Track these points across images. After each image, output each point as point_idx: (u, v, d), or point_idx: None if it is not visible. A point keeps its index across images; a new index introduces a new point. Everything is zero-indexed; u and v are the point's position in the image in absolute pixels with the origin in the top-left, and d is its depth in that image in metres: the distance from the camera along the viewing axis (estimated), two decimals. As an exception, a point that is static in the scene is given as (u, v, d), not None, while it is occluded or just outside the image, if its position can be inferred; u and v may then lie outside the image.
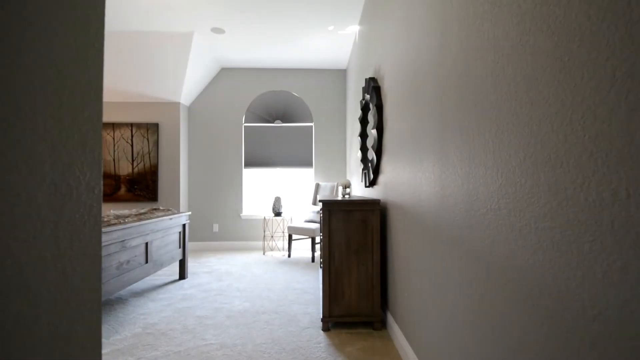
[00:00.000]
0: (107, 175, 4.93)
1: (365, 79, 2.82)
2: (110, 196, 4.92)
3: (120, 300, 2.85)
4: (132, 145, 4.95)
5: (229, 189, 5.21)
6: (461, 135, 1.12)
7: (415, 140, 1.63)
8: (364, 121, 3.17)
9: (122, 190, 4.93)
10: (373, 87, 2.51)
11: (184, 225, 3.53)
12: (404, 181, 1.84)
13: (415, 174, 1.65)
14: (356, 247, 2.22)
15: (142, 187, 4.92)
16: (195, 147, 5.25)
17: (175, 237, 3.36)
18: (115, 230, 2.31)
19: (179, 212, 4.19)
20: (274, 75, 5.25)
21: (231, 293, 3.03)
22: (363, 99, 3.06)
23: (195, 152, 5.24)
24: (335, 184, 4.62)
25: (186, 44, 4.20)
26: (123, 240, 2.45)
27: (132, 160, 4.95)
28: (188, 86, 4.82)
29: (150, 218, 2.92)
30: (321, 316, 2.23)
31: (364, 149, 3.15)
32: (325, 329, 2.22)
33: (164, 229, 3.07)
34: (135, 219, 2.77)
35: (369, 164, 2.80)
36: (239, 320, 2.42)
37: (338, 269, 2.22)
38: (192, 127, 5.26)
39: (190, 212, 3.63)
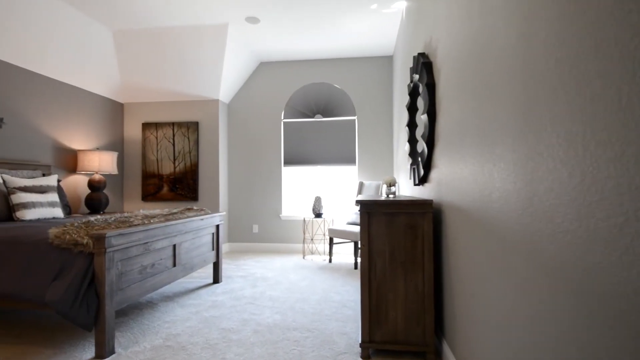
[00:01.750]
0: (151, 175, 4.98)
1: (414, 56, 2.38)
2: (154, 195, 4.96)
3: (150, 305, 2.71)
4: (173, 145, 4.96)
5: (269, 189, 5.00)
6: (568, 95, 0.68)
7: (484, 120, 1.19)
8: (412, 108, 2.72)
9: (165, 189, 4.95)
10: (423, 64, 2.07)
11: (217, 227, 3.35)
12: (466, 176, 1.39)
13: (482, 167, 1.21)
14: (403, 258, 1.81)
15: (184, 186, 4.90)
16: (235, 145, 5.12)
17: (207, 238, 3.18)
18: (136, 231, 2.14)
19: (212, 213, 4.03)
20: (314, 67, 4.95)
21: (263, 302, 2.75)
22: (411, 81, 2.61)
23: (234, 150, 5.12)
24: (381, 182, 4.19)
25: (221, 36, 4.05)
26: (146, 243, 2.27)
27: (174, 160, 4.95)
28: (226, 83, 4.69)
29: (179, 218, 2.75)
30: (360, 340, 1.85)
31: (412, 140, 2.70)
32: (365, 356, 1.83)
33: (194, 230, 2.89)
34: (162, 219, 2.60)
35: (419, 158, 2.36)
36: (266, 336, 2.12)
37: (380, 284, 1.82)
38: (232, 125, 5.14)
39: (224, 213, 3.44)
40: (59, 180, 3.64)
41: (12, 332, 2.19)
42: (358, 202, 1.86)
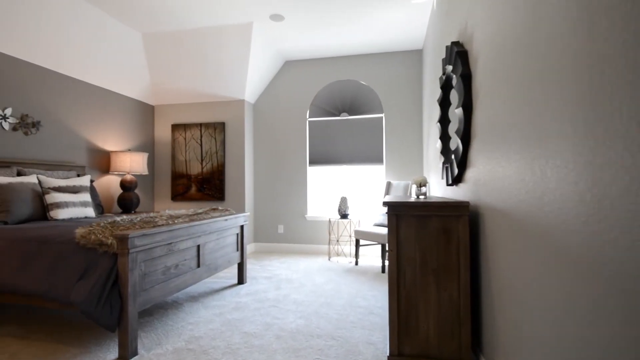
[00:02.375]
0: (180, 175, 5.06)
1: (446, 46, 2.21)
2: (183, 195, 5.04)
3: (175, 304, 2.71)
4: (201, 145, 5.01)
5: (294, 189, 4.94)
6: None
7: (534, 110, 1.03)
8: (444, 103, 2.54)
9: (193, 189, 5.01)
10: (457, 53, 1.91)
11: (242, 227, 3.31)
12: (509, 174, 1.23)
13: (530, 164, 1.05)
14: (435, 265, 1.66)
15: (211, 186, 4.94)
16: (260, 145, 5.11)
17: (232, 239, 3.16)
18: (159, 232, 2.12)
19: (238, 213, 4.01)
20: (339, 64, 4.83)
21: (286, 305, 2.67)
22: (443, 73, 2.44)
23: (260, 150, 5.11)
24: (410, 182, 4.01)
25: (246, 36, 4.03)
26: (170, 243, 2.26)
27: (202, 160, 5.00)
28: (252, 82, 4.67)
29: (203, 219, 2.73)
30: (388, 352, 1.72)
31: (444, 137, 2.52)
32: (394, 370, 1.69)
33: (218, 230, 2.86)
34: (186, 219, 2.59)
35: (452, 156, 2.18)
36: (288, 343, 2.04)
37: (410, 292, 1.68)
38: (257, 125, 5.13)
39: (248, 213, 3.41)
40: (91, 181, 3.75)
41: (43, 329, 2.24)
42: (385, 203, 1.73)
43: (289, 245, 4.92)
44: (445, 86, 2.48)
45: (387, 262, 4.24)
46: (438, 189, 3.11)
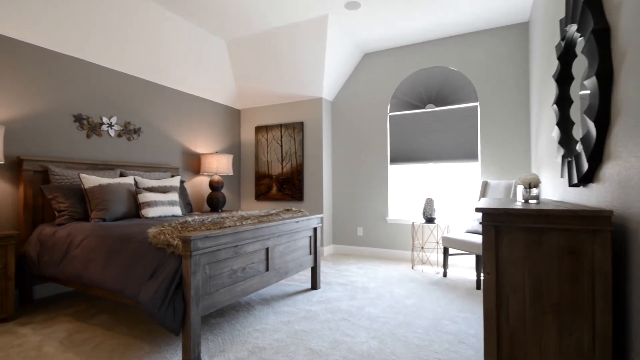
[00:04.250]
0: (263, 175, 5.18)
1: (567, 1, 1.64)
2: (265, 195, 5.14)
3: (247, 307, 2.66)
4: (281, 146, 5.04)
5: (374, 189, 4.61)
6: None
7: None
8: (563, 78, 1.94)
9: (274, 189, 5.07)
10: (585, 2, 1.37)
11: (315, 230, 3.14)
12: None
13: None
14: (555, 298, 1.18)
15: (290, 186, 4.93)
16: (339, 143, 4.91)
17: (304, 242, 3.00)
18: (224, 234, 2.05)
19: (315, 213, 3.85)
20: (423, 51, 4.32)
21: (359, 320, 2.38)
22: (562, 39, 1.85)
23: (338, 149, 4.91)
24: (513, 182, 3.32)
25: (321, 30, 3.85)
26: (236, 246, 2.18)
27: (282, 160, 5.03)
28: (329, 79, 4.50)
29: (273, 220, 2.61)
30: (483, 407, 1.30)
31: (564, 122, 1.92)
32: None
33: (288, 233, 2.73)
34: (255, 221, 2.51)
35: (577, 146, 1.61)
36: (357, 370, 1.75)
37: (515, 332, 1.24)
38: (336, 123, 4.94)
39: (322, 215, 3.22)
40: (182, 181, 4.03)
41: (127, 322, 2.39)
42: (480, 210, 1.31)
43: (368, 249, 4.61)
44: (565, 55, 1.88)
45: (483, 277, 3.60)
46: (554, 191, 2.45)
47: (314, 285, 3.14)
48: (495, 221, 1.27)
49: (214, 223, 2.20)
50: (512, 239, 1.25)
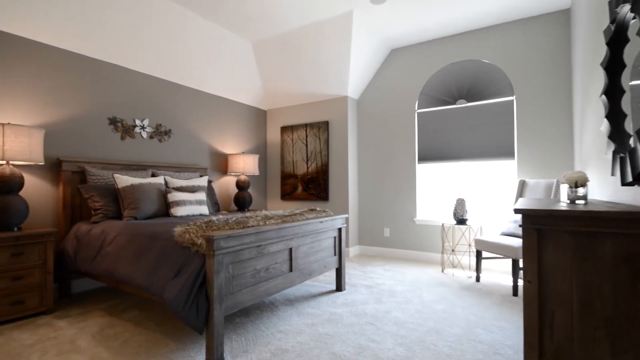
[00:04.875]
0: (288, 175, 5.18)
1: (621, -22, 1.47)
2: (291, 195, 5.13)
3: (271, 307, 2.64)
4: (306, 145, 5.01)
5: (401, 189, 4.47)
6: None
7: None
8: (612, 65, 1.75)
9: (299, 189, 5.06)
10: (645, -22, 1.21)
11: (339, 230, 3.07)
12: None
13: None
14: (609, 312, 1.05)
15: (315, 186, 4.89)
16: (365, 142, 4.80)
17: (328, 242, 2.94)
18: (247, 234, 2.03)
19: (337, 214, 3.78)
20: (454, 44, 4.13)
21: (386, 325, 2.29)
22: (612, 22, 1.67)
23: (364, 148, 4.81)
24: (554, 181, 3.09)
25: (346, 27, 3.78)
26: (259, 246, 2.16)
27: (307, 160, 5.00)
28: (355, 77, 4.41)
29: (296, 220, 2.58)
30: None
31: (615, 115, 1.73)
32: None
33: (312, 233, 2.68)
34: (279, 221, 2.48)
35: (630, 140, 1.44)
36: (383, 378, 1.67)
37: (561, 348, 1.11)
38: (361, 121, 4.84)
39: (347, 215, 3.14)
40: (210, 181, 4.10)
41: (156, 318, 2.43)
42: (519, 211, 1.20)
43: (395, 250, 4.47)
44: (615, 40, 1.69)
45: (520, 283, 3.38)
46: (602, 191, 2.23)
47: (339, 287, 3.08)
48: (538, 224, 1.15)
49: (238, 222, 2.19)
50: (557, 244, 1.13)
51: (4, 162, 2.34)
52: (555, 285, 1.12)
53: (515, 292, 2.94)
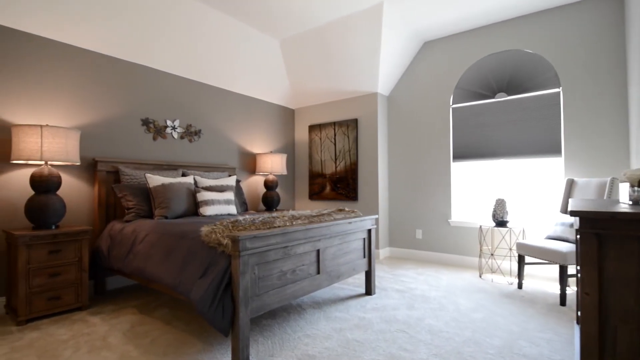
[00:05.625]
0: (316, 175, 5.12)
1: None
2: (319, 194, 5.07)
3: (298, 309, 2.58)
4: (335, 144, 4.93)
5: (435, 188, 4.26)
6: None
7: None
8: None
9: (328, 189, 4.98)
10: None
11: (369, 231, 2.96)
12: None
13: None
14: (692, 334, 0.87)
15: (344, 185, 4.79)
16: (396, 140, 4.64)
17: (357, 244, 2.83)
18: (273, 234, 1.97)
19: (370, 214, 3.66)
20: (492, 33, 3.87)
21: (419, 334, 2.15)
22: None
23: (395, 146, 4.64)
24: (608, 179, 2.79)
25: (376, 20, 3.65)
26: (285, 247, 2.10)
27: (335, 159, 4.92)
28: (385, 72, 4.27)
29: (324, 221, 2.50)
30: None
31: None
32: None
33: (340, 234, 2.59)
34: (305, 221, 2.41)
35: None
36: (415, 392, 1.54)
37: (629, 372, 0.95)
38: (392, 119, 4.68)
39: (377, 216, 3.02)
40: (238, 181, 4.12)
41: (185, 317, 2.45)
42: (576, 213, 1.04)
43: (428, 253, 4.27)
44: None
45: (570, 291, 3.09)
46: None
47: (368, 291, 2.96)
48: (599, 228, 0.99)
49: (264, 223, 2.15)
50: (622, 251, 0.96)
51: (43, 162, 2.45)
52: (619, 298, 0.96)
53: (563, 302, 2.69)
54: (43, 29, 2.74)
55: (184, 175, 3.55)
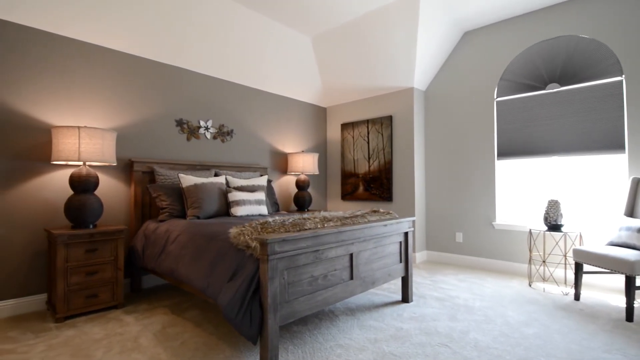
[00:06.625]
0: (349, 174, 4.98)
1: None
2: (351, 195, 4.92)
3: (330, 316, 2.46)
4: (368, 143, 4.76)
5: (477, 189, 3.97)
6: None
7: None
8: None
9: (360, 189, 4.82)
10: None
11: (405, 234, 2.77)
12: None
13: None
14: None
15: (377, 185, 4.61)
16: (433, 137, 4.38)
17: (393, 248, 2.66)
18: (302, 237, 1.86)
19: (405, 216, 3.46)
20: (541, 19, 3.53)
21: (464, 349, 1.95)
22: None
23: (432, 143, 4.39)
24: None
25: (413, 9, 3.44)
26: (316, 250, 1.98)
27: (369, 158, 4.75)
28: (421, 66, 4.04)
29: (357, 223, 2.35)
30: None
31: None
32: None
33: (375, 237, 2.43)
34: (338, 223, 2.28)
35: None
36: (463, 419, 1.36)
37: None
38: (429, 114, 4.43)
39: (414, 218, 2.83)
40: (269, 181, 4.07)
41: (214, 320, 2.40)
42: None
43: (469, 258, 3.99)
44: None
45: (637, 305, 2.72)
46: None
47: (405, 298, 2.78)
48: None
49: (294, 224, 2.04)
50: None
51: (81, 163, 2.51)
52: None
53: (629, 317, 2.36)
54: (84, 34, 2.82)
55: (216, 175, 3.55)
